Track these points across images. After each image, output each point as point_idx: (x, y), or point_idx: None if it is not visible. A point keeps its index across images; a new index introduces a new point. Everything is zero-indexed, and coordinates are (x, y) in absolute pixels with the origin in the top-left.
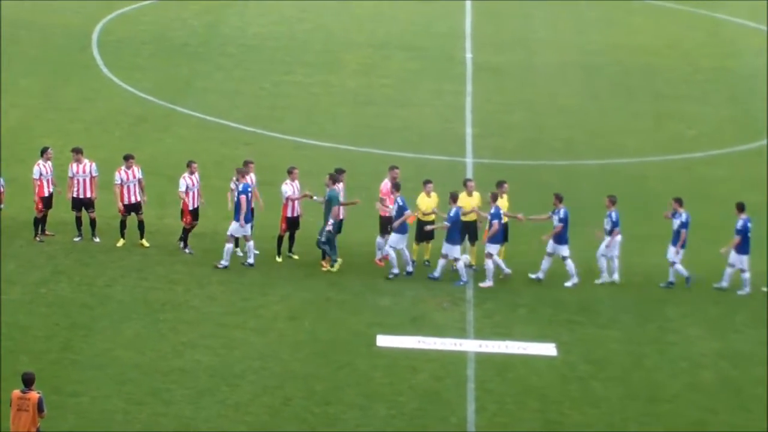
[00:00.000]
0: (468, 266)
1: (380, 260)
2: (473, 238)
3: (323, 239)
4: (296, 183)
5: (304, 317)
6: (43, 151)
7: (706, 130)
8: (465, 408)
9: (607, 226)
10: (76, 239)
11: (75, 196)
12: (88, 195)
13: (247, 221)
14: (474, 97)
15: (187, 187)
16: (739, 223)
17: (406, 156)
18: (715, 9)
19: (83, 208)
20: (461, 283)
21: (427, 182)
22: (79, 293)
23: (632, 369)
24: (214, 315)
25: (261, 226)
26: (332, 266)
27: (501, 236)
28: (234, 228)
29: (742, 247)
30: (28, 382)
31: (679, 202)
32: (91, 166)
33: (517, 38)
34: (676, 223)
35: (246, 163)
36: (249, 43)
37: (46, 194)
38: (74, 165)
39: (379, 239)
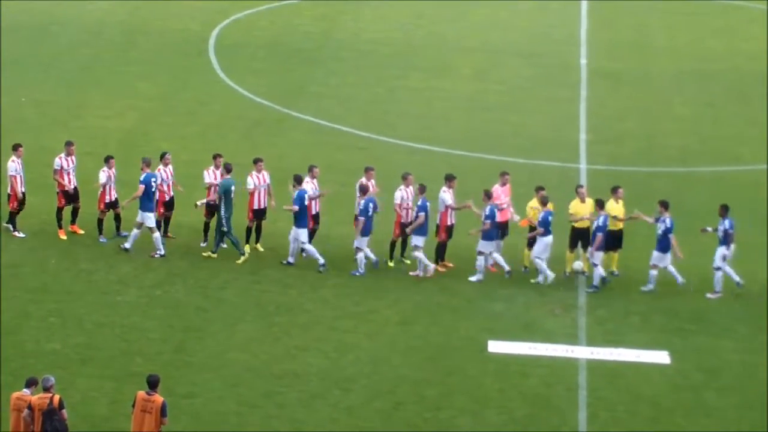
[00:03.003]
0: (581, 272)
1: (492, 266)
2: (586, 245)
3: (225, 229)
4: (410, 189)
5: (415, 322)
6: (162, 156)
7: None
8: (576, 415)
9: (720, 234)
10: (203, 244)
11: (256, 207)
12: (264, 205)
13: (305, 225)
14: (588, 104)
15: (255, 186)
16: None
17: (519, 162)
18: None
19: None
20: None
21: (539, 189)
22: (193, 296)
23: (746, 379)
24: (326, 319)
25: (375, 231)
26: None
27: (495, 233)
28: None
29: None
30: (153, 384)
31: (664, 205)
32: (267, 175)
33: (633, 45)
34: (661, 227)
35: (256, 161)
36: (363, 48)
37: (166, 198)
38: (254, 176)
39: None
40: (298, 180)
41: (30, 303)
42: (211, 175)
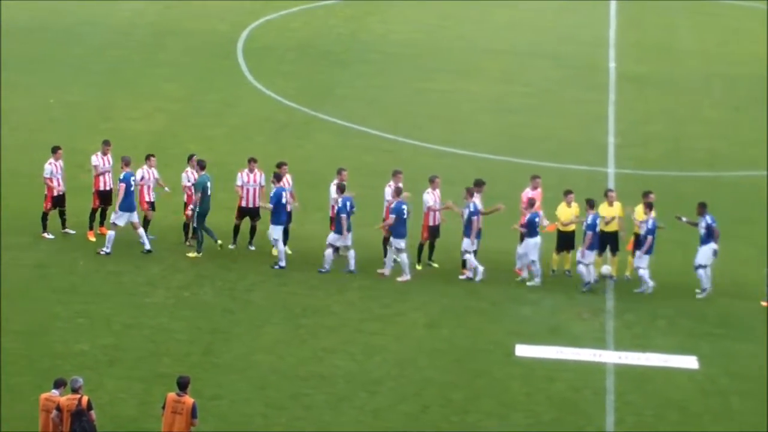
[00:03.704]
0: (609, 277)
1: (520, 269)
2: (615, 249)
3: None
4: (437, 192)
5: (442, 325)
6: (190, 158)
7: None
8: (603, 419)
9: (702, 232)
10: (231, 246)
11: (243, 205)
12: (256, 204)
13: (281, 223)
14: (616, 107)
15: (242, 184)
16: None
17: (547, 165)
18: None
19: (249, 217)
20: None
21: (567, 192)
22: (221, 297)
23: None
24: (353, 321)
25: (414, 237)
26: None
27: (478, 233)
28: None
29: None
30: (182, 385)
31: (649, 206)
32: (261, 176)
33: (661, 47)
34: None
35: (280, 165)
36: (391, 51)
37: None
38: (245, 173)
39: (519, 249)
40: (278, 177)
41: (58, 304)
42: (244, 178)
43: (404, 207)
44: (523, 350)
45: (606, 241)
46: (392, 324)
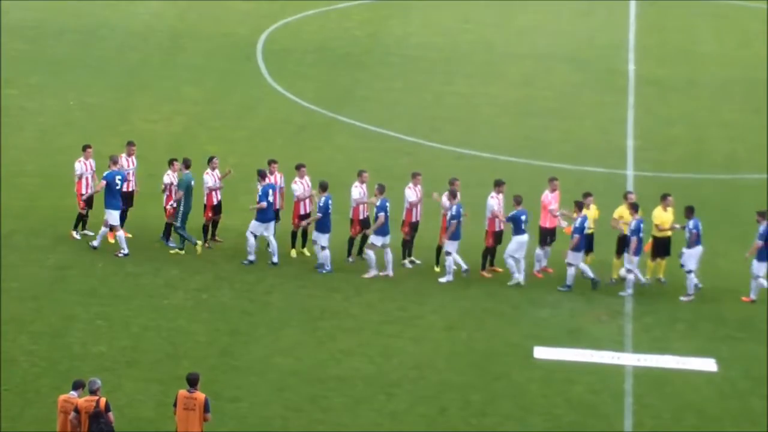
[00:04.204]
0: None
1: (539, 272)
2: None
3: (179, 224)
4: (419, 188)
5: (461, 327)
6: (210, 160)
7: None
8: (622, 422)
9: (687, 236)
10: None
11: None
12: (277, 206)
13: (269, 220)
14: (636, 110)
15: (213, 185)
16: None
17: (566, 168)
18: None
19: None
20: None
21: (587, 195)
22: (239, 299)
23: None
24: (371, 323)
25: (420, 237)
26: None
27: (458, 234)
28: (254, 226)
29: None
30: (192, 382)
31: (634, 207)
32: (281, 178)
33: (681, 51)
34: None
35: (299, 167)
36: (411, 54)
37: (215, 202)
38: (270, 177)
39: (538, 251)
40: (262, 175)
41: (77, 306)
42: (302, 186)
43: (329, 202)
44: (541, 353)
45: (622, 244)
46: (411, 326)
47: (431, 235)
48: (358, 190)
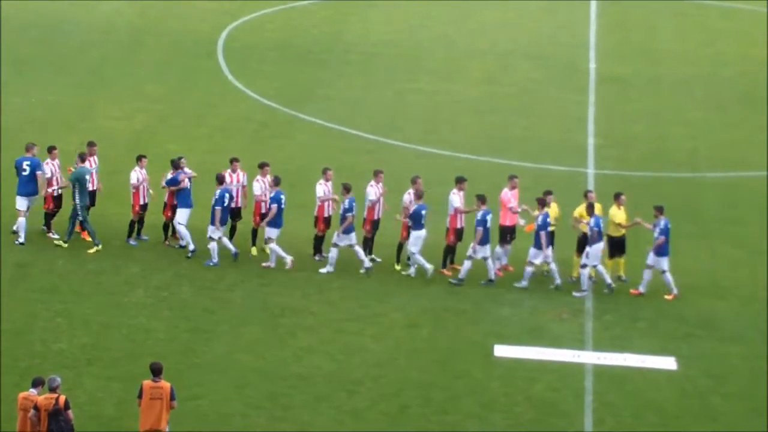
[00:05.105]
0: (590, 278)
1: (499, 270)
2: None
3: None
4: (381, 186)
5: (422, 325)
6: (178, 160)
7: None
8: (582, 420)
9: (656, 235)
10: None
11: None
12: (239, 204)
13: (224, 224)
14: (597, 108)
15: (138, 181)
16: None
17: (526, 166)
18: None
19: (230, 217)
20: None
21: (548, 192)
22: (200, 297)
23: (753, 385)
24: (333, 321)
25: (380, 234)
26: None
27: (352, 227)
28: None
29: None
30: (157, 371)
31: (591, 207)
32: (243, 176)
33: (642, 49)
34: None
35: (262, 165)
36: (372, 51)
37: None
38: (227, 174)
39: (498, 249)
40: (220, 179)
41: (38, 303)
42: (227, 179)
43: (282, 197)
44: (502, 351)
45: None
46: (372, 324)
47: (392, 233)
48: (322, 188)
